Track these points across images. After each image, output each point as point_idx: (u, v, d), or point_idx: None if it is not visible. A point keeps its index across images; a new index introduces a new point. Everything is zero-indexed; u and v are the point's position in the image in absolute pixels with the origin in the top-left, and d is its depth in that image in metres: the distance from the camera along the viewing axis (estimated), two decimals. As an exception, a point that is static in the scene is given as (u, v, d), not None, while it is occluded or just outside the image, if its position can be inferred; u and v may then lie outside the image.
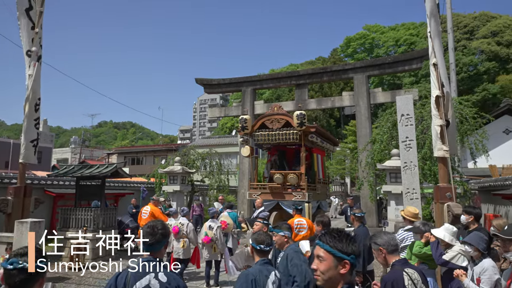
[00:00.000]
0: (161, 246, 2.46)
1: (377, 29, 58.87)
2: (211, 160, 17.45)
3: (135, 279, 2.26)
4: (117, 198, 15.07)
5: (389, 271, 2.77)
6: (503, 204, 11.35)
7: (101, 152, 55.65)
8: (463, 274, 3.45)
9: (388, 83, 46.75)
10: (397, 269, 2.68)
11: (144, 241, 2.41)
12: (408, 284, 2.54)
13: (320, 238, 1.92)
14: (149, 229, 2.43)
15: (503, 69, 41.01)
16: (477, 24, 43.60)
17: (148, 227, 2.45)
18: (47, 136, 39.17)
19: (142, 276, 2.28)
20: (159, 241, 2.43)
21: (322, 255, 1.85)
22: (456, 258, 3.69)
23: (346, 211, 10.99)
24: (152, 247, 2.42)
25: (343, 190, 40.38)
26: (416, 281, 2.59)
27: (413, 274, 2.63)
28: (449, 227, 3.85)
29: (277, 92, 52.47)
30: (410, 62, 14.75)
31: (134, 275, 2.28)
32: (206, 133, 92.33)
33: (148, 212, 8.86)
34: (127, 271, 2.31)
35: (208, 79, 18.58)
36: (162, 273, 2.33)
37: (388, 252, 2.82)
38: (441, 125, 5.93)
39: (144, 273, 2.30)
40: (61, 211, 10.14)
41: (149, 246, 2.41)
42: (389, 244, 2.83)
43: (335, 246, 1.83)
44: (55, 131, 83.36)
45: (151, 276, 2.29)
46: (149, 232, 2.42)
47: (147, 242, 2.40)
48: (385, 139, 11.69)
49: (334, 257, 1.81)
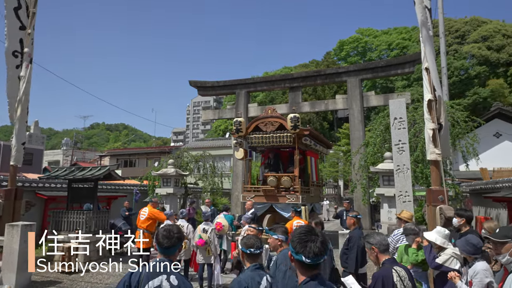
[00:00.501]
0: (176, 250, 2.54)
1: (370, 33, 59.38)
2: (204, 162, 17.39)
3: (148, 278, 2.33)
4: (109, 200, 14.94)
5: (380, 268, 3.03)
6: (494, 206, 11.48)
7: (93, 154, 55.16)
8: (456, 277, 3.49)
9: (381, 86, 47.14)
10: (387, 267, 2.95)
11: (160, 244, 2.47)
12: (396, 281, 2.81)
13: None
14: (165, 233, 2.50)
15: (493, 73, 41.61)
16: (468, 29, 44.22)
17: (165, 231, 2.52)
18: (38, 138, 38.66)
19: (155, 276, 2.35)
20: (175, 244, 2.50)
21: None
22: (449, 261, 3.72)
23: (342, 215, 10.92)
24: (168, 250, 2.49)
25: (336, 193, 40.58)
26: (404, 278, 2.88)
27: (401, 271, 2.92)
28: (441, 230, 3.89)
29: (271, 94, 52.57)
30: (402, 66, 14.90)
31: (148, 275, 2.34)
32: (200, 136, 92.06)
33: (147, 214, 8.77)
34: (141, 270, 2.38)
35: (202, 81, 18.56)
36: (174, 277, 2.39)
37: (380, 251, 3.08)
38: (434, 128, 6.00)
39: (157, 273, 2.37)
40: (53, 214, 10.02)
41: (165, 249, 2.48)
42: (381, 244, 3.09)
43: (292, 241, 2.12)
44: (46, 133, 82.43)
45: (163, 278, 2.35)
46: (166, 236, 2.49)
47: (163, 245, 2.47)
48: (378, 142, 11.77)
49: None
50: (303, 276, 2.01)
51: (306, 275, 1.99)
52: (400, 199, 7.79)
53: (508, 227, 3.23)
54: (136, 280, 2.32)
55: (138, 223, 8.74)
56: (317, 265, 1.99)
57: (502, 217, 10.58)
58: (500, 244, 3.09)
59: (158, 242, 2.48)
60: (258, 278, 2.81)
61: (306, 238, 2.01)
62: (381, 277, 2.87)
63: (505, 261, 3.05)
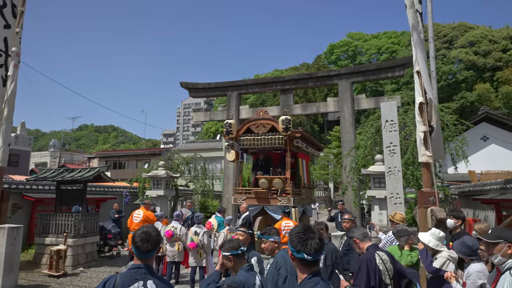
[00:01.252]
0: (153, 253, 2.39)
1: (360, 37, 60.03)
2: (195, 164, 17.29)
3: (123, 285, 2.19)
4: (98, 203, 14.71)
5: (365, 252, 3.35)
6: (482, 208, 11.66)
7: (82, 156, 54.38)
8: (452, 277, 3.51)
9: (371, 90, 47.63)
10: (371, 251, 3.30)
11: (139, 248, 2.30)
12: (379, 263, 3.14)
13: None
14: (144, 235, 2.33)
15: (480, 78, 42.42)
16: (456, 34, 45.04)
17: (143, 233, 2.34)
18: (25, 139, 37.95)
19: (131, 283, 2.21)
20: (153, 248, 2.35)
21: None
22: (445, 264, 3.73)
23: (337, 217, 10.89)
24: (146, 254, 2.33)
25: (326, 195, 40.78)
26: (385, 261, 3.19)
27: (383, 255, 3.24)
28: (436, 232, 3.90)
29: (262, 97, 52.67)
30: (393, 69, 15.06)
31: (123, 282, 2.20)
32: (190, 138, 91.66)
33: (141, 216, 8.66)
34: (116, 277, 2.24)
35: (194, 83, 18.47)
36: (152, 281, 2.26)
37: (360, 240, 3.44)
38: (425, 131, 6.05)
39: (133, 280, 2.23)
40: (40, 217, 9.82)
41: (144, 253, 2.32)
42: (359, 234, 3.49)
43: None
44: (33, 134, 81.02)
45: (140, 284, 2.23)
46: (145, 239, 2.32)
47: (142, 249, 2.30)
48: (369, 144, 11.86)
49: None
50: (304, 273, 2.07)
51: (308, 272, 2.06)
52: (392, 201, 7.84)
53: (500, 228, 3.27)
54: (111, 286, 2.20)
55: (132, 226, 8.59)
56: (317, 261, 2.11)
57: (490, 219, 10.75)
58: (492, 245, 3.11)
59: (136, 246, 2.29)
60: (252, 279, 2.90)
61: (305, 236, 2.08)
62: (365, 260, 3.19)
63: (497, 261, 3.08)
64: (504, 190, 9.36)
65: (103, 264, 9.96)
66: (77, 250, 9.33)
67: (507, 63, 41.19)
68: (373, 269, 3.15)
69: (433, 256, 3.80)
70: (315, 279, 2.03)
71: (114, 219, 12.12)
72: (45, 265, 8.91)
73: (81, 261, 9.41)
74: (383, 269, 3.17)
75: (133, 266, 2.31)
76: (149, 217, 8.65)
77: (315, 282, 2.00)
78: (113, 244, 11.31)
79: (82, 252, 9.55)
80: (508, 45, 42.02)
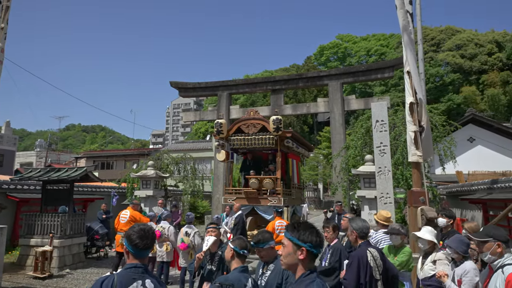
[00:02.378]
0: (149, 252, 2.34)
1: (349, 39, 60.53)
2: (185, 164, 17.14)
3: (122, 285, 2.13)
4: (86, 203, 14.46)
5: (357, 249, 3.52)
6: (470, 208, 11.84)
7: (69, 156, 53.50)
8: (445, 275, 3.51)
9: (360, 91, 48.05)
10: (363, 248, 3.46)
11: (136, 245, 2.24)
12: (370, 260, 3.31)
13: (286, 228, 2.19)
14: (142, 233, 2.27)
15: (467, 80, 43.22)
16: (443, 37, 45.80)
17: (141, 230, 2.28)
18: (10, 139, 37.19)
19: (130, 283, 2.15)
20: (150, 246, 2.31)
21: (284, 243, 2.13)
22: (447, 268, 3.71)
23: (334, 218, 10.74)
24: (143, 252, 2.27)
25: (315, 196, 40.92)
26: (376, 257, 3.36)
27: (374, 252, 3.40)
28: (431, 230, 3.90)
29: (252, 97, 52.65)
30: (382, 70, 15.19)
31: (121, 282, 2.13)
32: (180, 138, 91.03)
33: (128, 216, 8.45)
34: (113, 277, 2.17)
35: (184, 82, 18.34)
36: (149, 281, 2.21)
37: (359, 237, 3.60)
38: (415, 131, 6.10)
39: (130, 279, 2.16)
40: (25, 217, 9.58)
41: (141, 250, 2.26)
42: (361, 231, 3.62)
43: (294, 235, 2.08)
44: (19, 133, 79.39)
45: (139, 284, 2.16)
46: (142, 236, 2.26)
47: (139, 246, 2.24)
48: (359, 145, 11.92)
49: (293, 244, 2.06)
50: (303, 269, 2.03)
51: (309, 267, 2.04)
52: (382, 201, 7.88)
53: (490, 227, 3.29)
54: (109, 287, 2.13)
55: (119, 227, 8.40)
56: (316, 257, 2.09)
57: (477, 218, 10.91)
58: (482, 243, 3.13)
59: (135, 244, 2.23)
60: (244, 280, 2.89)
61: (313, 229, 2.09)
62: (357, 256, 3.35)
63: (487, 259, 3.10)
64: (491, 190, 9.51)
65: (90, 265, 9.78)
66: (64, 251, 9.13)
67: (492, 66, 42.06)
68: (364, 266, 3.29)
69: (427, 257, 3.79)
70: (312, 276, 2.00)
71: (101, 220, 11.90)
72: (30, 266, 8.70)
73: (67, 262, 9.21)
74: (373, 265, 3.33)
75: (130, 266, 2.24)
76: (135, 217, 8.42)
77: (311, 280, 1.98)
78: (100, 245, 11.11)
79: (69, 253, 9.35)
80: (494, 48, 42.92)
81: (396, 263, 4.44)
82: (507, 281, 2.74)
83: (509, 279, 2.73)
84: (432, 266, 3.82)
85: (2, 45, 8.02)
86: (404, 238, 4.58)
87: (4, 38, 8.14)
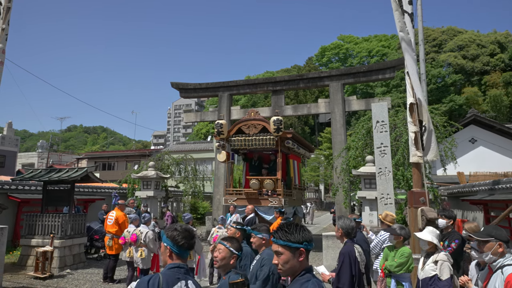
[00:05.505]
0: (189, 252, 2.38)
1: (351, 40, 60.48)
2: (186, 165, 17.14)
3: (167, 285, 2.16)
4: (86, 204, 14.49)
5: (344, 246, 3.71)
6: (471, 209, 11.79)
7: (70, 157, 53.62)
8: (469, 281, 3.44)
9: (361, 92, 47.99)
10: (349, 245, 3.69)
11: (180, 245, 2.27)
12: (357, 255, 3.57)
13: (274, 235, 2.06)
14: (186, 233, 2.30)
15: (468, 81, 43.13)
16: (445, 38, 45.71)
17: (185, 231, 2.32)
18: (12, 140, 37.31)
19: (175, 282, 2.18)
20: (193, 246, 2.34)
21: (279, 250, 2.00)
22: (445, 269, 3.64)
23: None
24: (186, 252, 2.32)
25: (317, 197, 40.85)
26: (360, 253, 3.63)
27: (358, 248, 3.68)
28: (434, 230, 3.85)
29: (253, 98, 52.66)
30: (383, 71, 15.14)
31: (167, 281, 2.16)
32: (181, 139, 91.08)
33: (114, 218, 8.35)
34: (158, 276, 2.20)
35: (184, 83, 18.33)
36: (191, 281, 2.24)
37: (344, 234, 3.83)
38: (416, 131, 6.08)
39: (175, 279, 2.19)
40: (26, 217, 9.60)
41: (184, 250, 2.30)
42: (346, 229, 3.83)
43: (288, 239, 1.98)
44: (21, 134, 79.63)
45: (182, 284, 2.19)
46: (186, 236, 2.29)
47: (183, 246, 2.28)
48: (360, 145, 11.89)
49: (290, 248, 1.97)
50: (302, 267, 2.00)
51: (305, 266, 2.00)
52: (382, 202, 7.86)
53: (492, 226, 3.26)
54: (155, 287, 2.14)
55: (106, 228, 8.36)
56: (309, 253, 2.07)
57: (478, 220, 10.86)
58: (483, 243, 3.12)
59: (180, 245, 2.26)
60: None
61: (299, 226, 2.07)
62: (347, 253, 3.56)
63: (488, 259, 3.08)
64: (492, 191, 9.47)
65: (91, 265, 9.78)
66: (64, 252, 9.14)
67: (494, 67, 41.95)
68: (354, 260, 3.52)
69: (429, 257, 3.75)
70: (308, 275, 1.99)
71: (102, 220, 11.91)
72: (31, 267, 8.71)
73: (68, 262, 9.22)
74: (360, 260, 3.58)
75: (173, 265, 2.25)
76: (119, 219, 8.24)
77: (306, 279, 1.96)
78: (99, 245, 11.11)
79: (69, 253, 9.36)
80: (496, 49, 42.81)
81: (395, 265, 4.42)
82: (507, 281, 2.72)
83: (508, 280, 2.72)
84: (434, 267, 3.77)
85: (3, 46, 8.04)
86: (400, 239, 4.55)
87: (5, 39, 8.17)
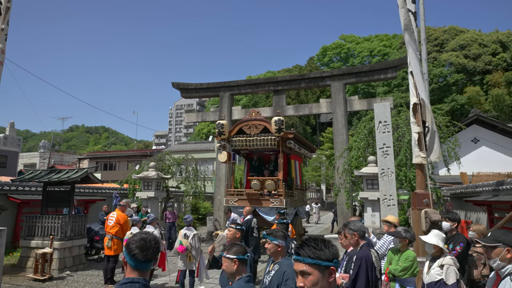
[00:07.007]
0: (151, 265, 2.05)
1: (352, 39, 60.31)
2: (187, 165, 17.07)
3: None
4: (87, 204, 14.44)
5: (360, 250, 3.58)
6: (474, 210, 11.67)
7: (72, 157, 53.65)
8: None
9: (363, 92, 47.84)
10: (366, 249, 3.57)
11: (135, 257, 1.96)
12: (375, 260, 3.48)
13: (298, 252, 1.73)
14: (142, 242, 1.98)
15: (470, 81, 42.91)
16: (447, 38, 45.50)
17: (142, 240, 2.00)
18: (14, 140, 37.39)
19: None
20: (152, 258, 2.02)
21: (306, 270, 1.68)
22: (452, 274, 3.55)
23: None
24: (144, 264, 1.98)
25: (318, 197, 40.73)
26: (377, 258, 3.56)
27: (374, 252, 3.59)
28: (439, 233, 3.77)
29: (254, 98, 52.57)
30: (385, 71, 15.04)
31: None
32: (182, 139, 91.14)
33: (114, 219, 8.29)
34: None
35: (185, 83, 18.27)
36: None
37: (360, 237, 3.68)
38: (419, 132, 5.99)
39: None
40: (26, 219, 9.54)
41: (141, 263, 1.97)
42: (360, 231, 3.71)
43: (318, 256, 1.68)
44: (23, 135, 79.74)
45: None
46: (143, 246, 1.97)
47: (138, 258, 1.96)
48: (362, 146, 11.79)
49: (319, 267, 1.67)
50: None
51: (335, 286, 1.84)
52: (385, 203, 7.76)
53: (499, 231, 3.15)
54: None
55: (106, 229, 8.28)
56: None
57: (482, 221, 10.74)
58: (491, 248, 3.01)
59: (132, 255, 1.95)
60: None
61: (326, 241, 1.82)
62: (364, 257, 3.45)
63: (496, 266, 2.98)
64: (496, 191, 9.36)
65: (91, 267, 9.71)
66: (64, 253, 9.07)
67: (496, 67, 41.73)
68: (371, 265, 3.41)
69: (434, 260, 3.66)
70: None
71: (103, 221, 11.85)
72: (31, 268, 8.65)
73: (68, 264, 9.15)
74: (377, 265, 3.48)
75: (126, 280, 1.94)
76: (120, 220, 8.16)
77: None
78: (100, 246, 11.04)
79: (69, 255, 9.29)
80: (498, 49, 42.58)
81: (399, 269, 4.33)
82: (515, 288, 2.63)
83: (517, 287, 2.62)
84: (439, 271, 3.68)
85: (3, 46, 7.97)
86: (405, 241, 4.46)
87: (5, 39, 8.10)
